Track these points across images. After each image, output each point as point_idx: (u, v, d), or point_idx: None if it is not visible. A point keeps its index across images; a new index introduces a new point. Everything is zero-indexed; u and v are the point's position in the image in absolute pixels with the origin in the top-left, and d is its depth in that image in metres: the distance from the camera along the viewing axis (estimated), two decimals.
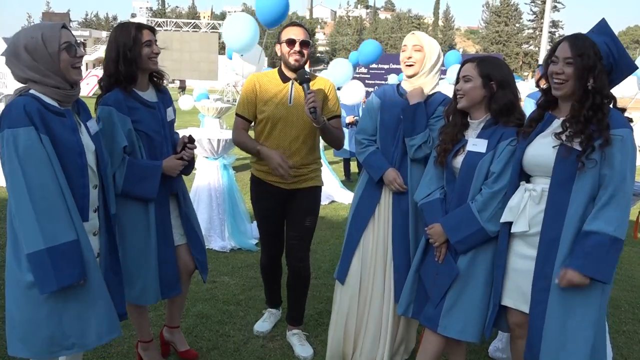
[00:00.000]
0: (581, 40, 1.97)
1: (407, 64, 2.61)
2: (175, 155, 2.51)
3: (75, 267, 1.86)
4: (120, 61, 2.33)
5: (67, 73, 1.92)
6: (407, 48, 2.61)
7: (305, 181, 2.88)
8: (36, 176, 1.81)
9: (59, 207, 1.84)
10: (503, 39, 59.10)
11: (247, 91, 2.84)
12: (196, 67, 27.69)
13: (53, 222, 1.83)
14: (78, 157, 1.95)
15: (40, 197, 1.81)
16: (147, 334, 2.71)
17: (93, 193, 2.05)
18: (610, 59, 1.98)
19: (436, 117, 2.58)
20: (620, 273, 4.40)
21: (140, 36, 2.35)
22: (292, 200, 2.90)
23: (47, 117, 1.87)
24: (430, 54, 2.59)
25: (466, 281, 2.27)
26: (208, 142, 4.67)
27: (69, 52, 1.91)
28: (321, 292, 3.83)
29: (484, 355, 3.04)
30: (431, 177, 2.45)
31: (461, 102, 2.30)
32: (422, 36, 2.64)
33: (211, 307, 3.49)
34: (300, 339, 3.06)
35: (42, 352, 1.92)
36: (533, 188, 2.09)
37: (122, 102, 2.35)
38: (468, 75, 2.28)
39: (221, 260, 4.42)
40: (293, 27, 2.78)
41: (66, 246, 1.84)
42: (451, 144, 2.35)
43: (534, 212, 2.08)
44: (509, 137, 2.22)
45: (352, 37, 66.99)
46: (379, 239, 2.70)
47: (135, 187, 2.36)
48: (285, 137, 2.78)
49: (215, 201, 4.79)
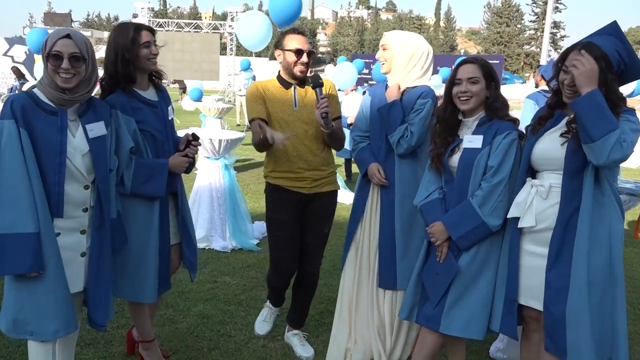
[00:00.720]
0: (592, 52, 1.93)
1: (380, 63, 2.77)
2: (180, 153, 2.53)
3: (28, 257, 1.93)
4: (118, 62, 2.35)
5: (53, 78, 2.03)
6: (379, 49, 2.78)
7: (324, 185, 2.87)
8: (8, 166, 1.93)
9: (23, 198, 1.93)
10: (504, 40, 59.04)
11: (254, 95, 2.80)
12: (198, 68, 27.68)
13: (14, 212, 1.92)
14: (57, 155, 2.01)
15: (7, 187, 1.92)
16: (149, 333, 2.71)
17: (82, 193, 2.11)
18: (621, 65, 1.99)
19: (416, 110, 2.65)
20: None
21: (139, 37, 2.37)
22: (311, 206, 2.87)
23: (32, 113, 1.99)
24: (400, 52, 2.68)
25: (469, 279, 2.28)
26: (209, 142, 4.68)
27: (55, 60, 2.00)
28: (322, 293, 3.83)
29: (485, 355, 3.04)
30: (429, 180, 2.46)
31: (468, 104, 2.30)
32: (391, 35, 2.74)
33: (212, 307, 3.49)
34: (301, 339, 3.06)
35: (9, 331, 2.07)
36: (540, 183, 2.10)
37: (125, 103, 2.37)
38: (475, 77, 2.28)
39: (222, 260, 4.42)
40: (297, 36, 2.77)
41: (22, 236, 1.92)
42: (443, 147, 2.36)
43: (541, 207, 2.09)
44: (505, 132, 2.24)
45: (353, 37, 66.97)
46: (369, 230, 2.82)
47: (143, 186, 2.38)
48: (294, 140, 2.75)
49: (217, 201, 4.79)
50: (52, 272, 2.01)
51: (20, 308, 2.02)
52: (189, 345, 3.00)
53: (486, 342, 3.06)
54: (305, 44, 2.76)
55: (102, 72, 2.45)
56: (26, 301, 2.02)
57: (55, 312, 2.04)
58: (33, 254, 1.94)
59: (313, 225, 2.90)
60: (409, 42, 2.69)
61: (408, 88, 2.69)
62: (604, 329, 2.00)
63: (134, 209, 2.41)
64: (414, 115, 2.64)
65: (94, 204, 2.15)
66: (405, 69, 2.69)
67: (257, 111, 2.77)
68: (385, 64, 2.73)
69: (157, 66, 2.49)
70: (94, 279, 2.16)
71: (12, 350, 2.79)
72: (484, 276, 2.28)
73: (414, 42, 2.70)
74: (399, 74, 2.70)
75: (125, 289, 2.44)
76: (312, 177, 2.80)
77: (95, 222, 2.16)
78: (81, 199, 2.11)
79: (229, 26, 28.52)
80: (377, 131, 2.78)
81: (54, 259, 2.02)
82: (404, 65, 2.68)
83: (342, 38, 67.02)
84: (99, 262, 2.17)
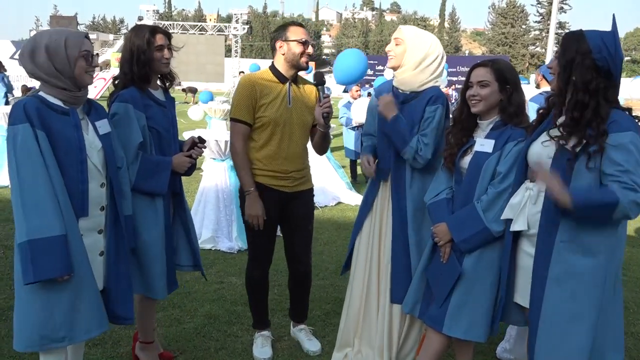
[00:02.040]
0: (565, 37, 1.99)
1: (389, 56, 2.64)
2: (183, 153, 2.56)
3: (57, 261, 1.90)
4: (133, 62, 2.41)
5: (80, 78, 2.03)
6: (392, 40, 2.64)
7: (304, 183, 2.87)
8: (27, 171, 1.89)
9: (47, 201, 1.90)
10: (509, 41, 58.86)
11: (245, 94, 2.68)
12: (203, 70, 27.80)
13: (39, 216, 1.89)
14: (78, 153, 2.01)
15: (30, 192, 1.89)
16: (150, 334, 2.71)
17: (99, 191, 2.11)
18: (603, 53, 1.89)
19: (426, 119, 2.55)
20: (627, 275, 4.38)
21: (153, 40, 2.42)
22: (291, 204, 2.83)
23: (46, 115, 1.96)
24: (413, 49, 2.54)
25: (472, 281, 2.27)
26: (215, 144, 4.69)
27: (87, 60, 2.03)
28: (328, 293, 3.83)
29: (492, 356, 3.03)
30: (439, 179, 2.46)
31: (477, 106, 2.29)
32: (407, 30, 2.61)
33: (219, 308, 3.50)
34: (308, 334, 3.07)
35: (32, 345, 1.98)
36: (532, 187, 2.08)
37: (138, 99, 2.41)
38: (485, 81, 2.27)
39: (229, 261, 4.43)
40: (301, 28, 2.74)
41: (50, 240, 1.88)
42: (457, 147, 2.35)
43: (532, 211, 2.07)
44: (517, 138, 2.22)
45: (357, 39, 67.00)
46: (374, 232, 2.75)
47: (146, 182, 2.40)
48: (285, 141, 2.73)
49: (223, 202, 4.81)
50: (82, 272, 2.00)
51: (49, 316, 1.96)
52: (196, 345, 3.02)
53: (493, 342, 3.05)
54: (308, 36, 2.74)
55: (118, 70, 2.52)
56: (56, 307, 1.96)
57: (87, 313, 2.03)
58: (63, 257, 1.91)
59: (298, 224, 2.89)
60: (425, 41, 2.56)
61: (415, 92, 2.58)
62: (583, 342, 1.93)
63: (138, 205, 2.41)
64: (426, 125, 2.53)
65: (108, 202, 2.17)
66: (416, 68, 2.55)
67: (243, 113, 2.68)
68: (395, 58, 2.59)
69: (169, 68, 2.54)
70: (115, 275, 2.17)
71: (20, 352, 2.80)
72: (488, 279, 2.27)
73: (430, 42, 2.57)
74: (408, 72, 2.56)
75: (136, 285, 2.43)
76: (295, 176, 2.78)
77: (110, 220, 2.17)
78: (99, 198, 2.12)
79: (234, 28, 28.61)
80: (384, 138, 2.67)
81: (82, 259, 2.01)
82: (416, 64, 2.55)
83: (347, 40, 67.05)
84: (118, 258, 2.18)
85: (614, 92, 1.94)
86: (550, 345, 1.97)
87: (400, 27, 2.66)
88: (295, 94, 2.77)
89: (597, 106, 1.89)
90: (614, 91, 1.94)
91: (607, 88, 1.91)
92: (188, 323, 3.27)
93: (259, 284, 2.98)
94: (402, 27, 2.66)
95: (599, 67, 1.90)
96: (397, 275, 2.65)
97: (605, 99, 1.91)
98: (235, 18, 28.89)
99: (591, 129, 1.88)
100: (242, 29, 28.75)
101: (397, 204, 2.65)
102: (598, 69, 1.90)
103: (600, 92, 1.90)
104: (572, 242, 1.94)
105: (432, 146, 2.52)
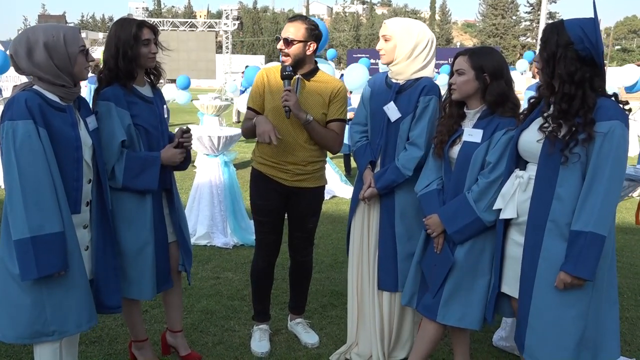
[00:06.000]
0: (545, 29, 1.97)
1: (380, 54, 2.65)
2: (171, 144, 2.49)
3: (57, 257, 1.92)
4: (119, 58, 2.32)
5: (79, 73, 2.05)
6: (380, 38, 2.65)
7: (308, 180, 2.84)
8: (29, 168, 1.88)
9: (48, 198, 1.91)
10: (500, 32, 58.99)
11: (256, 84, 2.83)
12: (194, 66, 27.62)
13: (41, 213, 1.89)
14: (75, 151, 2.03)
15: (31, 188, 1.88)
16: (141, 333, 2.70)
17: (86, 187, 2.12)
18: (585, 42, 1.88)
19: (422, 109, 2.55)
20: (622, 261, 4.43)
21: (140, 34, 2.35)
22: (295, 199, 2.85)
23: (48, 112, 1.96)
24: (402, 42, 2.56)
25: (465, 270, 2.29)
26: (209, 140, 4.68)
27: (86, 56, 2.07)
28: (325, 286, 3.84)
29: (488, 344, 3.06)
30: (430, 168, 2.46)
31: (454, 94, 2.32)
32: (392, 25, 2.60)
33: (216, 303, 3.51)
34: (305, 327, 3.09)
35: (24, 337, 2.01)
36: (522, 175, 2.09)
37: (121, 97, 2.34)
38: (461, 69, 2.29)
39: (224, 256, 4.44)
40: (287, 24, 2.74)
41: (50, 237, 1.91)
42: (447, 135, 2.36)
43: (522, 199, 2.07)
44: (505, 127, 2.23)
45: (348, 33, 66.87)
46: (369, 230, 2.77)
47: (136, 180, 2.35)
48: (288, 130, 2.74)
49: (217, 198, 4.80)
50: (75, 267, 2.02)
51: (41, 310, 1.97)
52: (194, 340, 3.02)
53: (489, 330, 3.08)
54: (289, 33, 2.68)
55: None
56: (47, 301, 1.98)
57: (78, 306, 2.05)
58: (62, 253, 1.94)
59: (298, 220, 2.92)
60: (413, 30, 2.57)
61: (409, 81, 2.61)
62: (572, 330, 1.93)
63: (126, 204, 2.39)
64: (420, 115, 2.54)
65: (92, 198, 2.18)
66: (408, 58, 2.57)
67: (255, 102, 2.84)
68: (386, 55, 2.61)
69: (155, 63, 2.47)
70: (102, 267, 2.19)
71: (17, 350, 2.80)
72: (481, 268, 2.28)
73: (417, 30, 2.58)
74: (401, 64, 2.59)
75: (122, 286, 2.37)
76: (295, 170, 2.77)
77: (96, 215, 2.18)
78: (86, 194, 2.13)
79: (224, 24, 28.45)
80: (376, 124, 2.70)
81: (76, 254, 2.03)
82: (408, 55, 2.56)
83: (338, 34, 66.88)
84: (105, 251, 2.20)
85: (599, 80, 1.94)
86: (541, 331, 1.98)
87: (385, 22, 2.66)
88: (306, 88, 2.76)
89: (583, 96, 1.90)
90: (599, 79, 1.94)
91: (593, 77, 1.92)
92: (185, 319, 3.27)
93: (263, 275, 3.00)
94: (386, 22, 2.66)
95: (582, 57, 1.90)
96: (384, 262, 2.70)
97: (591, 88, 1.91)
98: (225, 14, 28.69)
99: (579, 117, 1.89)
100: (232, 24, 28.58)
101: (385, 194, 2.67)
102: (581, 59, 1.91)
103: (586, 81, 1.90)
104: (562, 227, 1.94)
105: (424, 145, 2.53)
